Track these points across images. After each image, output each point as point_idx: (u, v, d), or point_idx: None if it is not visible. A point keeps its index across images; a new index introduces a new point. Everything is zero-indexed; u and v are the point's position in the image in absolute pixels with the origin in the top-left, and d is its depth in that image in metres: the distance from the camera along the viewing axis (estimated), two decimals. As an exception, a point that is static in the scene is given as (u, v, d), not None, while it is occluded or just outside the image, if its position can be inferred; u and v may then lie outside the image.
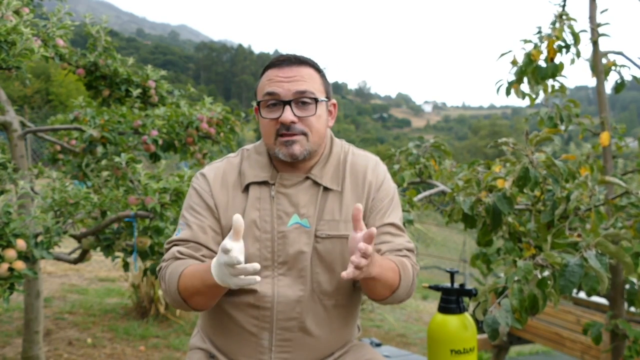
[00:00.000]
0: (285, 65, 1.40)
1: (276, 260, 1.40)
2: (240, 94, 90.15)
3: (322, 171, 1.44)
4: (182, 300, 1.34)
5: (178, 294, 1.33)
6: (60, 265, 6.63)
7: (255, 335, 1.42)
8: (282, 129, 1.38)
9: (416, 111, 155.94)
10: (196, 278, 1.29)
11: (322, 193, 1.43)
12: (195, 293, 1.31)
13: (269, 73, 1.42)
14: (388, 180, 1.51)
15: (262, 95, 1.40)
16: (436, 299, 5.79)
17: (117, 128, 3.36)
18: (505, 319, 1.66)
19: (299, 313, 1.40)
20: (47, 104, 19.25)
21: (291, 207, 1.41)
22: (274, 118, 1.38)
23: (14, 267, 2.30)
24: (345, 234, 1.41)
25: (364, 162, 1.49)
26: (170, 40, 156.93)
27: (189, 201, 1.47)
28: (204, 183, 1.47)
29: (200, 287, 1.29)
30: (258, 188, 1.43)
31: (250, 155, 1.49)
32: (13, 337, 4.21)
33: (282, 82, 1.38)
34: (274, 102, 1.39)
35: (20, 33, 2.41)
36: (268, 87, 1.39)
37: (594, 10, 2.60)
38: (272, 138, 1.40)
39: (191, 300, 1.34)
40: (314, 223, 1.40)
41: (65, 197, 2.77)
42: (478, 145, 42.78)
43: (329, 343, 1.47)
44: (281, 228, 1.40)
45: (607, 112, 2.61)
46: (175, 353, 4.19)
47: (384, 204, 1.46)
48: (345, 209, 1.43)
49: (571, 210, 2.07)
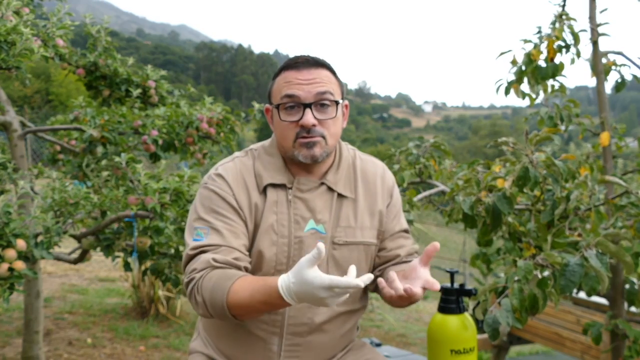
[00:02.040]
0: (303, 67, 1.37)
1: (291, 265, 1.38)
2: (240, 94, 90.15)
3: (335, 177, 1.44)
4: (231, 316, 1.26)
5: (226, 310, 1.25)
6: (60, 265, 6.63)
7: (264, 340, 1.41)
8: (302, 132, 1.36)
9: (416, 111, 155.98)
10: (256, 298, 1.22)
11: (337, 199, 1.44)
12: (252, 310, 1.25)
13: (287, 75, 1.38)
14: (396, 186, 1.56)
15: (281, 98, 1.37)
16: (436, 299, 5.78)
17: (117, 128, 3.36)
18: (505, 318, 1.66)
19: (310, 318, 1.40)
20: (47, 104, 19.26)
21: (308, 212, 1.40)
22: (294, 121, 1.36)
23: (14, 267, 2.29)
24: (361, 240, 1.43)
25: (373, 168, 1.52)
26: (170, 40, 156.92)
27: (210, 204, 1.39)
28: (223, 184, 1.40)
29: (262, 306, 1.23)
30: (275, 191, 1.41)
31: (260, 156, 1.46)
32: (13, 337, 4.20)
33: (302, 84, 1.36)
34: (292, 105, 1.36)
35: (20, 33, 2.41)
36: (287, 90, 1.36)
37: (593, 10, 2.60)
38: (291, 141, 1.37)
39: (242, 316, 1.27)
40: (330, 229, 1.41)
41: (65, 197, 2.77)
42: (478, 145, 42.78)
43: (335, 346, 1.48)
44: (298, 233, 1.39)
45: (607, 112, 2.61)
46: (175, 353, 4.19)
47: (397, 209, 1.52)
48: (360, 215, 1.44)
49: (571, 210, 2.07)
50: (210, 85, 75.32)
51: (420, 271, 1.28)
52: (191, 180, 2.83)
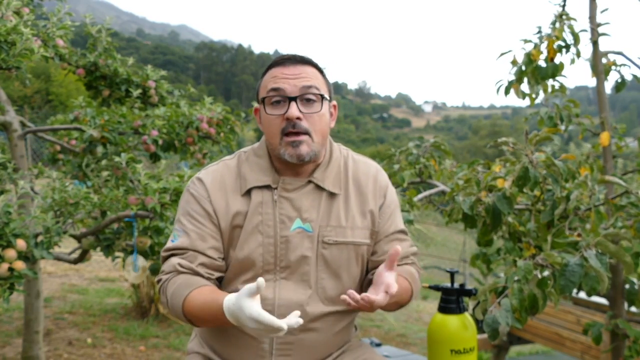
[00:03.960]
0: (290, 63, 1.40)
1: (278, 264, 1.40)
2: (240, 94, 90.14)
3: (323, 175, 1.44)
4: (187, 320, 1.34)
5: (183, 315, 1.34)
6: (60, 265, 6.63)
7: (255, 339, 1.41)
8: (288, 126, 1.36)
9: (416, 111, 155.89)
10: (205, 311, 1.28)
11: (327, 198, 1.43)
12: (203, 321, 1.32)
13: (273, 71, 1.40)
14: (391, 186, 1.54)
15: (267, 92, 1.39)
16: (436, 299, 5.79)
17: (117, 128, 3.36)
18: (505, 318, 1.66)
19: (300, 317, 1.40)
20: (47, 104, 19.25)
21: (294, 211, 1.40)
22: (279, 114, 1.37)
23: (14, 267, 2.30)
24: (351, 240, 1.43)
25: (366, 169, 1.51)
26: (170, 40, 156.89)
27: (186, 207, 1.44)
28: (201, 188, 1.44)
29: (211, 319, 1.29)
30: (260, 192, 1.41)
31: (249, 157, 1.47)
32: (13, 337, 4.21)
33: (288, 78, 1.37)
34: (278, 99, 1.37)
35: (20, 33, 2.41)
36: (273, 84, 1.38)
37: (594, 10, 2.60)
38: (278, 137, 1.38)
39: (197, 323, 1.35)
40: (317, 228, 1.41)
41: (65, 197, 2.77)
42: (478, 145, 42.77)
43: (329, 345, 1.47)
44: (284, 232, 1.39)
45: (607, 112, 2.60)
46: (175, 353, 4.19)
47: (391, 209, 1.50)
48: (351, 215, 1.44)
49: (571, 210, 2.07)
50: (210, 85, 75.29)
51: (384, 276, 1.28)
52: (187, 185, 2.83)
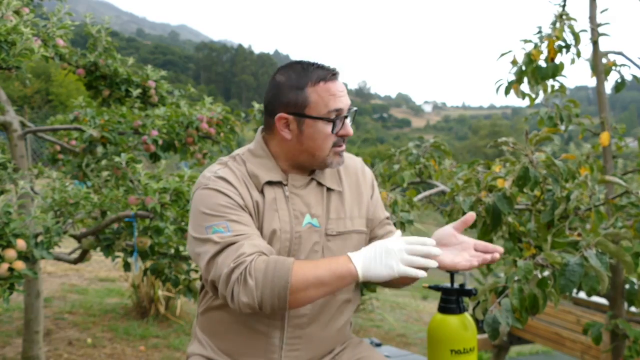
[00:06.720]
0: (336, 78, 1.44)
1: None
2: (240, 94, 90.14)
3: (322, 173, 1.52)
4: (285, 297, 1.26)
5: (286, 290, 1.25)
6: (60, 265, 6.63)
7: (265, 334, 1.42)
8: (340, 141, 1.44)
9: (416, 111, 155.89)
10: (321, 268, 1.27)
11: (326, 194, 1.50)
12: (313, 285, 1.26)
13: (329, 87, 1.41)
14: (374, 178, 1.67)
15: (329, 112, 1.40)
16: (436, 299, 5.78)
17: (117, 128, 3.36)
18: (505, 318, 1.66)
19: (310, 309, 1.43)
20: (47, 104, 19.26)
21: (305, 207, 1.45)
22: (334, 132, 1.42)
23: (14, 267, 2.29)
24: (352, 229, 1.50)
25: (353, 163, 1.60)
26: (170, 40, 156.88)
27: (218, 202, 1.37)
28: (226, 185, 1.39)
29: (327, 279, 1.26)
30: (272, 189, 1.44)
31: (249, 159, 1.47)
32: (13, 337, 4.21)
33: (342, 97, 1.43)
34: (336, 117, 1.42)
35: (20, 33, 2.41)
36: (335, 103, 1.41)
37: (594, 10, 2.60)
38: (328, 149, 1.44)
39: (300, 294, 1.27)
40: (324, 223, 1.46)
41: (65, 197, 2.77)
42: (478, 145, 42.77)
43: (333, 339, 1.51)
44: (297, 228, 1.43)
45: (607, 112, 2.61)
46: (175, 353, 4.19)
47: (378, 198, 1.62)
48: (348, 206, 1.52)
49: (571, 210, 2.07)
50: (210, 85, 75.29)
51: (460, 237, 1.41)
52: (191, 180, 2.84)
